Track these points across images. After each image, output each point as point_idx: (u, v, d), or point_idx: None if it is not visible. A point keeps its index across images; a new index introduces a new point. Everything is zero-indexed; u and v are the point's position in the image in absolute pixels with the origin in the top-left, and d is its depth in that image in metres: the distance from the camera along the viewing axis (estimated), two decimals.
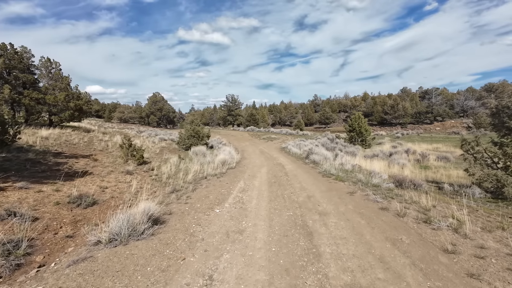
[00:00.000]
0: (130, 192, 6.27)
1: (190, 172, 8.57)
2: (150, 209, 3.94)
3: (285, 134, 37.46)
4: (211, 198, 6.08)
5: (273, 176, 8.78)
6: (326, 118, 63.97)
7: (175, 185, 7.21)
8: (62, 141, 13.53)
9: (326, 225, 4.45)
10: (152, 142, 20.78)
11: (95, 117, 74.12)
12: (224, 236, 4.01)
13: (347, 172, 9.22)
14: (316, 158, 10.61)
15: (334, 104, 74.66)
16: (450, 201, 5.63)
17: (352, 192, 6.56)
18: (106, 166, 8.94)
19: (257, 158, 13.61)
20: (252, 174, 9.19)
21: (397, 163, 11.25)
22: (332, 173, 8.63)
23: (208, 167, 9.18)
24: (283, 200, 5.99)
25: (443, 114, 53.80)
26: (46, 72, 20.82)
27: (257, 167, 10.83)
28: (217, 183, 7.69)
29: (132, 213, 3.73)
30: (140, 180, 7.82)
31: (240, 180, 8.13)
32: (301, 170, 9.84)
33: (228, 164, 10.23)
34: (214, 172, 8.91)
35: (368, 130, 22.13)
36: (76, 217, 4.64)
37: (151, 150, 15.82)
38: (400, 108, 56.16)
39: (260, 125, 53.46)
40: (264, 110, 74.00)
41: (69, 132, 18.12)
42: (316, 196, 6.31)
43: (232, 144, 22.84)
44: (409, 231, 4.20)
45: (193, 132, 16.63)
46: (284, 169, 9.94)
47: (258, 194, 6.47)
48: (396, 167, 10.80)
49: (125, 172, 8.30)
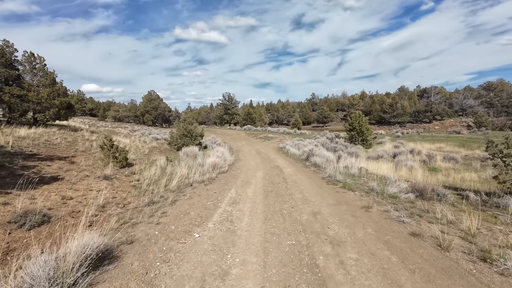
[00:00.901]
0: (98, 205, 5.21)
1: (176, 178, 7.57)
2: (94, 243, 2.81)
3: (282, 133, 36.54)
4: (192, 215, 4.96)
5: (270, 182, 7.72)
6: (324, 117, 63.18)
7: (155, 194, 6.17)
8: (41, 141, 12.44)
9: (344, 265, 3.27)
10: (143, 142, 19.71)
11: (89, 115, 72.63)
12: (197, 286, 2.87)
13: (354, 177, 8.17)
14: (317, 161, 9.65)
15: (332, 103, 73.91)
16: (490, 219, 4.62)
17: (367, 207, 5.40)
18: (82, 170, 7.92)
19: (253, 160, 12.64)
20: (246, 179, 8.15)
21: (404, 165, 10.36)
22: (338, 180, 7.59)
23: (196, 171, 8.17)
24: (282, 218, 4.88)
25: (442, 113, 53.27)
26: (30, 68, 19.61)
27: (252, 170, 9.80)
28: (204, 193, 6.58)
29: (64, 253, 2.60)
30: (117, 187, 6.76)
31: (232, 188, 7.04)
32: (301, 174, 8.81)
33: (220, 168, 9.18)
34: (202, 178, 7.82)
35: (369, 129, 21.27)
36: (12, 244, 3.58)
37: (140, 151, 14.78)
38: (399, 107, 55.51)
39: (257, 124, 52.48)
40: (262, 109, 72.98)
41: (53, 131, 17.00)
42: (323, 212, 5.18)
43: (227, 143, 21.85)
44: (469, 281, 2.94)
45: (185, 131, 15.61)
46: (283, 173, 8.92)
47: (251, 209, 5.39)
48: (404, 170, 9.91)
49: (102, 177, 7.28)
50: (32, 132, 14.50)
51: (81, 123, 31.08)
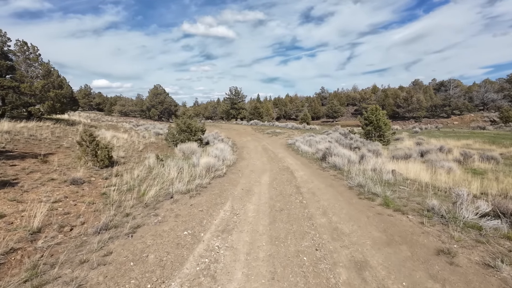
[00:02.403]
0: (30, 229, 3.64)
1: (159, 183, 6.09)
2: None
3: (290, 128, 34.77)
4: (149, 263, 3.18)
5: (279, 193, 5.99)
6: (334, 111, 60.75)
7: (122, 209, 4.71)
8: (24, 136, 11.23)
9: None
10: (142, 137, 18.44)
11: (96, 110, 72.50)
12: None
13: (389, 184, 6.31)
14: (337, 161, 7.93)
15: (342, 97, 71.21)
16: None
17: (446, 252, 3.36)
18: (51, 172, 6.58)
19: (258, 159, 11.04)
20: (247, 187, 6.46)
21: (440, 167, 8.59)
22: (373, 191, 5.57)
23: (187, 174, 6.66)
24: (304, 278, 2.92)
25: (462, 107, 50.05)
26: (23, 58, 18.50)
27: (257, 173, 8.20)
28: (185, 211, 4.85)
29: None
30: (82, 196, 5.28)
31: (226, 201, 5.34)
32: (319, 181, 7.04)
33: (216, 171, 7.58)
34: (189, 186, 6.12)
35: (388, 124, 19.31)
36: None
37: (134, 147, 13.45)
38: (414, 100, 52.54)
39: (264, 119, 50.76)
40: (269, 103, 71.02)
41: (47, 125, 15.92)
42: (372, 263, 3.19)
43: (231, 139, 20.34)
44: None
45: (184, 126, 14.17)
46: (295, 179, 7.24)
47: (251, 248, 3.58)
48: (442, 173, 8.15)
49: (70, 182, 5.92)
50: (21, 126, 13.38)
51: (84, 118, 30.25)
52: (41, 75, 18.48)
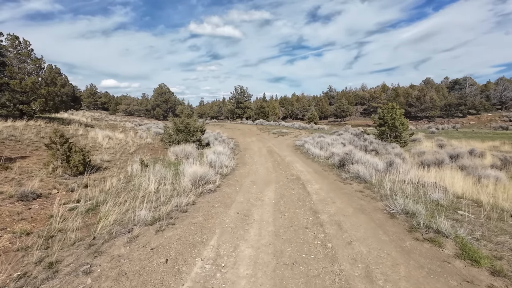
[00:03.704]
0: None
1: (129, 200, 4.75)
2: None
3: (297, 128, 33.23)
4: None
5: (289, 225, 4.22)
6: (343, 111, 58.76)
7: (47, 254, 3.21)
8: (3, 136, 10.14)
9: None
10: (139, 137, 17.27)
11: (102, 109, 72.31)
12: None
13: (442, 208, 4.56)
14: (360, 171, 6.37)
15: (351, 96, 69.03)
16: None
17: None
18: (3, 182, 5.36)
19: (262, 164, 9.65)
20: (244, 210, 4.85)
21: (484, 176, 7.02)
22: (435, 227, 3.74)
23: (169, 187, 5.30)
24: None
25: (479, 106, 47.45)
26: (15, 54, 17.52)
27: (259, 186, 6.69)
28: (135, 265, 3.07)
29: None
30: (20, 221, 3.93)
31: (210, 239, 3.69)
32: (342, 200, 5.37)
33: (205, 184, 5.88)
34: (154, 215, 4.29)
35: (405, 123, 17.60)
36: None
37: (125, 149, 12.24)
38: (427, 99, 50.17)
39: (270, 118, 49.30)
40: (275, 102, 69.42)
41: (38, 124, 14.88)
42: None
43: (234, 140, 18.98)
44: None
45: (181, 126, 12.90)
46: (309, 197, 5.60)
47: None
48: (488, 184, 6.58)
49: (18, 197, 4.65)
50: (6, 125, 12.30)
51: (85, 117, 29.40)
52: (31, 71, 17.48)
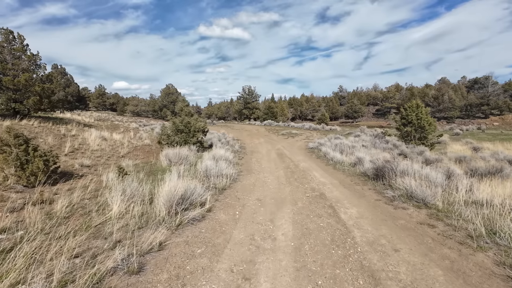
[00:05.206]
0: None
1: (72, 237, 3.30)
2: None
3: (308, 129, 31.44)
4: None
5: None
6: (354, 111, 56.49)
7: None
8: None
9: None
10: (138, 138, 16.00)
11: (110, 110, 72.41)
12: None
13: None
14: (414, 187, 4.59)
15: (363, 96, 66.52)
16: None
17: None
18: None
19: (272, 172, 8.02)
20: (243, 266, 2.84)
21: None
22: None
23: (137, 212, 3.73)
24: None
25: (503, 106, 44.33)
26: (9, 49, 16.55)
27: (268, 208, 4.81)
28: None
29: None
30: None
31: None
32: (408, 245, 3.30)
33: (190, 208, 4.13)
34: (120, 256, 2.60)
35: (433, 123, 15.64)
36: None
37: (116, 152, 10.90)
38: (445, 99, 47.35)
39: (278, 119, 47.62)
40: (284, 103, 67.68)
41: (31, 124, 13.81)
42: None
43: (240, 141, 17.44)
44: None
45: (181, 125, 11.49)
46: (348, 233, 3.66)
47: None
48: None
49: None
50: None
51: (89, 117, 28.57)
52: (25, 67, 16.47)
